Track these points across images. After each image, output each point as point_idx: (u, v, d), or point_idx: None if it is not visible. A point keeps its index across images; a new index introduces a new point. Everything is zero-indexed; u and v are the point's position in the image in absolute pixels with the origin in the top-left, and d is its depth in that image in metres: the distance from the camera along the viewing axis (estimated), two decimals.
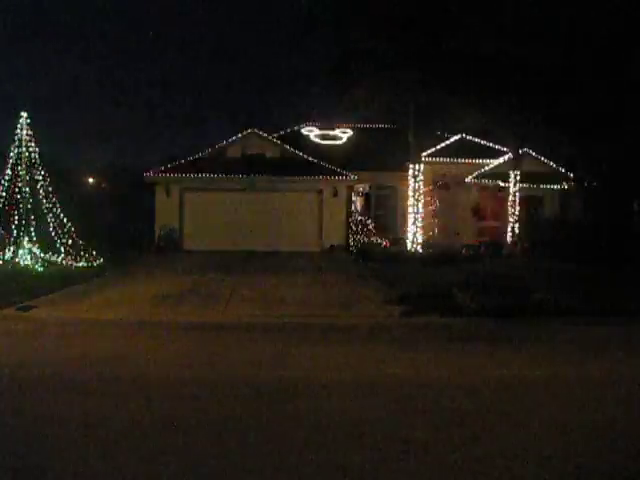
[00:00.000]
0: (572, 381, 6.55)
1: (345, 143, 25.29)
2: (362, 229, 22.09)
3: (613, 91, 16.85)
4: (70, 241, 17.02)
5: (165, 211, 22.07)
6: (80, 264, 16.59)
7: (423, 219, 21.32)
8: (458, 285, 11.98)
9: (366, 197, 24.46)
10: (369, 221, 22.68)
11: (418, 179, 20.64)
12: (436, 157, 23.27)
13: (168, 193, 22.10)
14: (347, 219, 22.39)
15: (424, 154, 21.81)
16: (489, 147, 24.40)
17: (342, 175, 22.22)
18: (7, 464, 4.24)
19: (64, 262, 16.46)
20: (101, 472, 4.11)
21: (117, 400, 5.66)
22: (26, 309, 10.46)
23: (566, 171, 22.31)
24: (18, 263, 15.71)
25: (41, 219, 16.71)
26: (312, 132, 25.58)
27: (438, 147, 23.83)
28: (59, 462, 4.26)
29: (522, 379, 6.58)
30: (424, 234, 21.40)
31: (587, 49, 16.50)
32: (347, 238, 22.03)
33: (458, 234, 23.55)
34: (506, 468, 4.25)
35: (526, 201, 23.28)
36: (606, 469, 4.31)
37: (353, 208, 23.61)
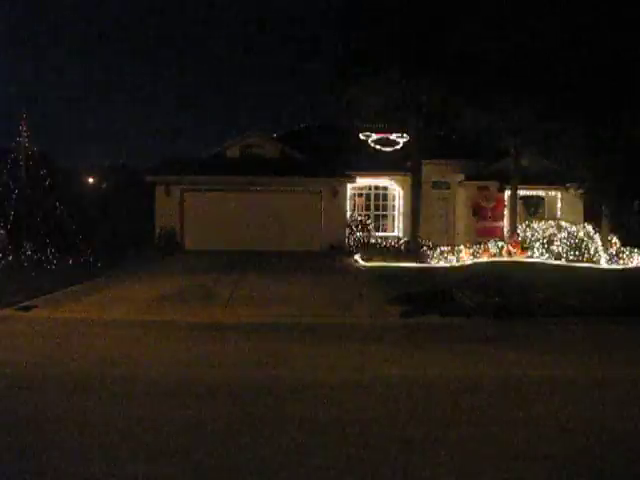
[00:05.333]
0: (572, 381, 6.56)
1: (346, 143, 25.25)
2: (362, 229, 22.09)
3: (614, 91, 16.86)
4: (70, 241, 17.04)
5: (165, 211, 22.05)
6: (80, 264, 16.60)
7: (423, 219, 21.31)
8: (458, 285, 11.99)
9: (366, 197, 24.45)
10: (369, 221, 22.68)
11: (418, 179, 20.63)
12: (436, 157, 23.24)
13: (168, 193, 22.09)
14: (347, 219, 22.38)
15: (424, 154, 21.79)
16: (489, 147, 24.39)
17: (342, 175, 22.21)
18: (7, 464, 4.24)
19: (64, 262, 16.47)
20: (101, 472, 4.11)
21: (117, 400, 5.66)
22: (26, 309, 10.46)
23: (566, 171, 22.30)
24: (18, 263, 15.73)
25: (41, 219, 16.74)
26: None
27: (438, 147, 23.80)
28: (59, 462, 4.26)
29: (522, 379, 6.58)
30: (424, 234, 21.38)
31: (588, 48, 16.51)
32: (347, 238, 22.02)
33: (458, 234, 23.55)
34: (506, 468, 4.25)
35: (526, 201, 23.30)
36: (607, 469, 4.32)
37: (353, 208, 23.60)
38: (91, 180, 32.79)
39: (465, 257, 18.49)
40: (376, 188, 24.45)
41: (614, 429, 5.05)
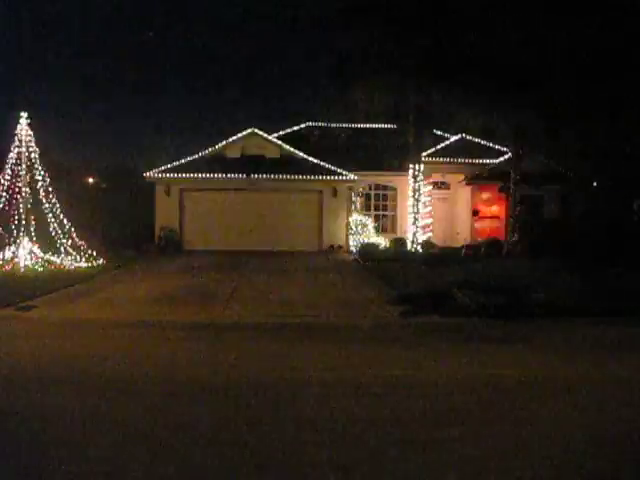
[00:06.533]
0: (572, 381, 6.55)
1: (346, 143, 25.24)
2: (362, 229, 22.10)
3: (614, 90, 16.87)
4: (70, 241, 17.04)
5: (165, 211, 22.07)
6: (80, 264, 16.60)
7: (423, 219, 21.32)
8: (458, 285, 11.98)
9: (366, 197, 24.47)
10: (369, 221, 22.69)
11: (418, 179, 20.64)
12: (436, 157, 23.26)
13: (168, 193, 22.11)
14: (347, 219, 22.39)
15: (424, 154, 21.80)
16: (489, 147, 24.40)
17: (342, 175, 22.22)
18: (6, 464, 4.24)
19: (64, 262, 16.47)
20: (100, 472, 4.11)
21: (117, 400, 5.66)
22: (26, 309, 10.46)
23: (566, 170, 22.31)
24: (18, 263, 15.72)
25: (41, 219, 16.74)
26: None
27: (438, 147, 23.82)
28: (58, 462, 4.25)
29: (522, 379, 6.58)
30: (424, 234, 21.40)
31: (589, 49, 16.52)
32: (347, 238, 22.04)
33: (458, 234, 23.55)
34: (506, 468, 4.25)
35: (526, 201, 23.28)
36: (606, 469, 4.31)
37: (353, 208, 23.61)
38: (91, 180, 32.76)
39: (465, 257, 18.50)
40: (376, 188, 24.45)
41: (615, 429, 5.05)
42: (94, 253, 17.28)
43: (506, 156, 22.56)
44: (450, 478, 4.12)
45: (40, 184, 16.80)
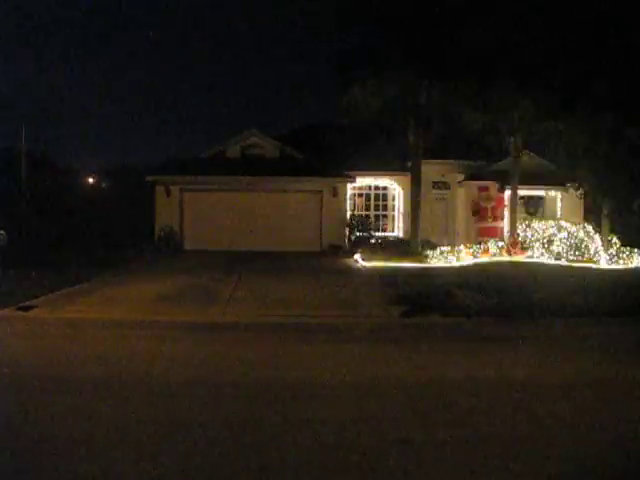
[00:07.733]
0: (573, 381, 6.55)
1: (346, 143, 25.20)
2: (362, 229, 22.10)
3: (614, 90, 16.87)
4: (70, 241, 17.05)
5: (165, 211, 22.05)
6: (80, 264, 16.60)
7: (423, 219, 21.29)
8: (458, 285, 11.99)
9: (366, 197, 24.46)
10: (369, 221, 22.67)
11: (418, 179, 20.61)
12: (436, 157, 23.22)
13: (168, 193, 22.08)
14: (347, 219, 22.38)
15: (424, 154, 21.76)
16: (489, 147, 24.36)
17: (342, 175, 22.21)
18: (7, 463, 4.24)
19: (64, 262, 16.46)
20: (101, 472, 4.11)
21: (117, 400, 5.66)
22: (26, 309, 10.46)
23: (566, 171, 22.28)
24: (18, 262, 15.73)
25: (41, 219, 16.76)
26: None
27: (438, 147, 23.78)
28: (59, 462, 4.25)
29: (522, 379, 6.58)
30: (424, 234, 21.37)
31: (588, 47, 16.52)
32: (347, 238, 22.03)
33: (458, 234, 23.54)
34: (506, 468, 4.25)
35: (526, 201, 23.28)
36: (606, 469, 4.31)
37: (353, 208, 23.60)
38: (91, 180, 32.79)
39: (465, 257, 18.49)
40: (376, 188, 24.44)
41: (614, 429, 5.05)
42: (94, 253, 17.29)
43: (506, 156, 22.54)
44: (451, 478, 4.12)
45: (40, 184, 16.83)
